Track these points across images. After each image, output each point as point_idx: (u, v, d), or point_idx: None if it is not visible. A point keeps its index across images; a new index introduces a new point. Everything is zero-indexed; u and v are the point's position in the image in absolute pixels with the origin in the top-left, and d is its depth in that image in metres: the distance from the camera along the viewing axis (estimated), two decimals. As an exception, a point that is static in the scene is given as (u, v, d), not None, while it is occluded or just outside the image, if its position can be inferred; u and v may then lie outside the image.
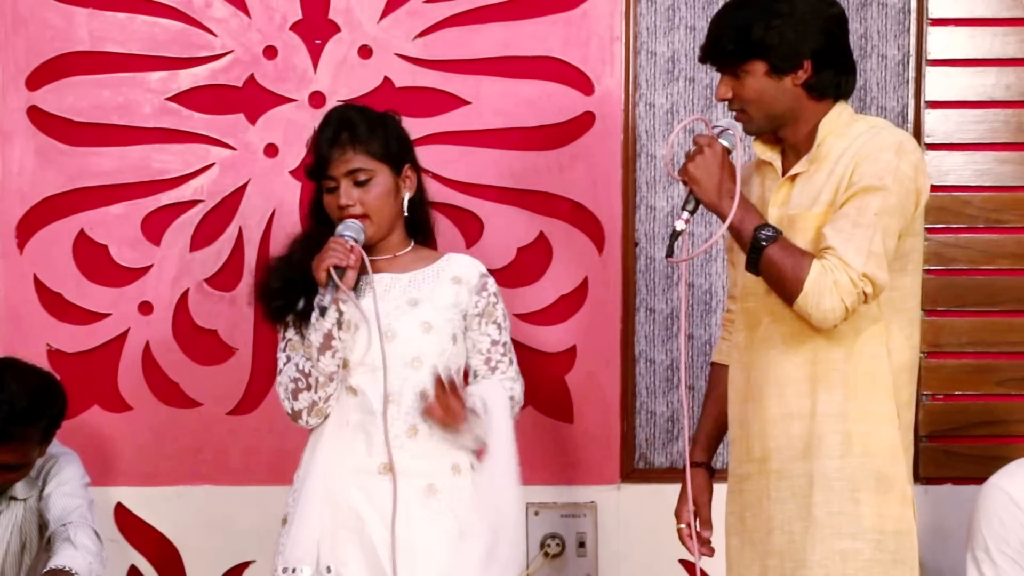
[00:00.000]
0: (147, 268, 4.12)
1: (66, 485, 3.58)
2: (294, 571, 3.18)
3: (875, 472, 3.02)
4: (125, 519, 4.14)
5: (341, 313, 3.16)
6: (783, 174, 3.12)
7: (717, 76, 3.99)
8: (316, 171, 3.28)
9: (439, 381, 3.17)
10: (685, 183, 3.05)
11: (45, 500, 3.57)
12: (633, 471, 4.15)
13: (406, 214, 3.32)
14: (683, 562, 4.06)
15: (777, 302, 3.04)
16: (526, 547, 3.39)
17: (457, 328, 3.29)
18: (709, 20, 3.16)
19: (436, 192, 4.07)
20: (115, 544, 4.06)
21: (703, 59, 3.18)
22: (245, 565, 4.14)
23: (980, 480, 3.53)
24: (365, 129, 3.25)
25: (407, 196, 3.31)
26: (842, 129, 3.08)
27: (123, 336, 4.13)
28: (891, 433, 3.04)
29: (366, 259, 3.19)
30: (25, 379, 3.52)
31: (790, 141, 3.13)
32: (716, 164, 3.02)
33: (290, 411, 3.23)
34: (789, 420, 3.06)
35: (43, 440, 3.53)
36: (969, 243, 4.10)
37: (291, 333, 3.26)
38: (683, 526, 3.26)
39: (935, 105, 4.12)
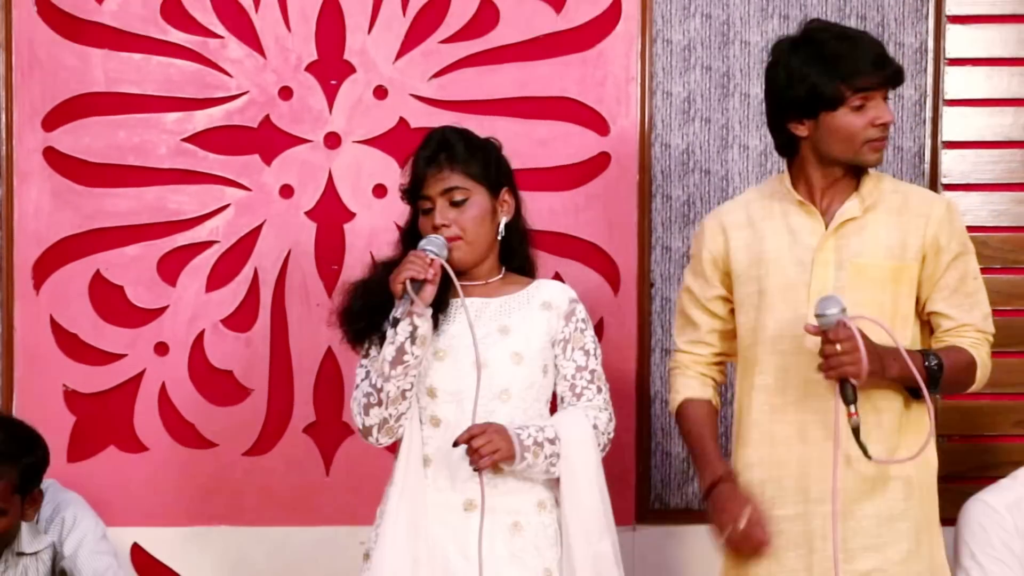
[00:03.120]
0: (163, 309, 4.13)
1: (88, 543, 3.59)
2: None
3: (927, 515, 3.24)
4: (141, 560, 4.14)
5: (415, 328, 3.09)
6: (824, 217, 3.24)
7: (732, 116, 4.10)
8: (412, 191, 3.23)
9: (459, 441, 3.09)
10: (846, 381, 3.03)
11: (71, 561, 3.58)
12: (648, 512, 4.14)
13: (500, 237, 3.25)
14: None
15: None
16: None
17: (548, 359, 3.23)
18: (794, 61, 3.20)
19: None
20: (132, 585, 4.08)
21: (891, 82, 3.20)
22: (261, 605, 4.16)
23: (999, 522, 3.56)
24: (463, 149, 3.21)
25: (504, 220, 3.25)
26: (878, 181, 3.26)
27: (139, 377, 4.13)
28: (934, 476, 3.27)
29: (455, 280, 3.12)
30: (8, 427, 3.59)
31: (831, 183, 3.23)
32: (864, 346, 3.01)
33: (361, 427, 3.17)
34: (851, 463, 3.14)
35: (21, 490, 3.52)
36: (986, 284, 4.03)
37: (375, 351, 3.18)
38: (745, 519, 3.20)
39: (952, 145, 4.11)
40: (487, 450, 3.05)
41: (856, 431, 3.03)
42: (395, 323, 3.07)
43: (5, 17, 4.07)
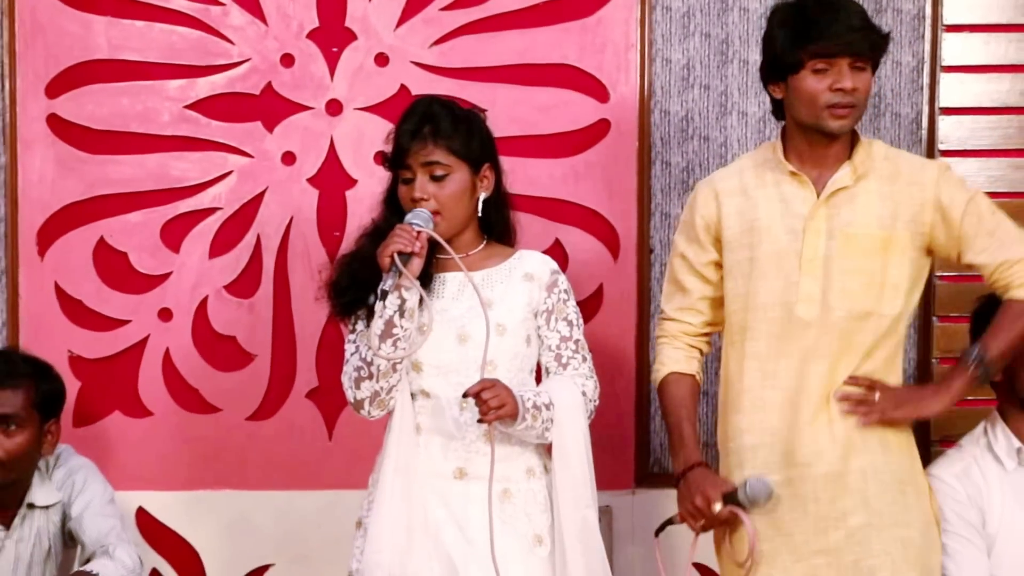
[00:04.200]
0: (166, 275, 4.16)
1: (95, 505, 3.62)
2: None
3: (909, 469, 3.29)
4: (146, 523, 4.19)
5: (403, 300, 3.11)
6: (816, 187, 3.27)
7: (731, 82, 4.12)
8: (394, 160, 3.24)
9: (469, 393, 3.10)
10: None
11: (77, 521, 3.61)
12: (648, 476, 4.19)
13: (479, 214, 3.27)
14: (697, 565, 4.08)
15: (831, 315, 3.20)
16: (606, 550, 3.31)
17: (530, 329, 3.26)
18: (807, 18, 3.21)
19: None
20: (136, 548, 4.09)
21: (850, 51, 3.17)
22: (264, 568, 4.19)
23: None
24: (448, 124, 3.21)
25: (482, 196, 3.26)
26: (870, 148, 3.29)
27: (143, 342, 4.17)
28: (910, 433, 3.33)
29: (449, 249, 3.15)
30: (27, 355, 3.68)
31: (819, 151, 3.25)
32: (913, 398, 3.29)
33: (352, 400, 3.20)
34: (833, 424, 3.22)
35: (40, 409, 3.56)
36: (983, 249, 4.10)
37: (361, 325, 3.21)
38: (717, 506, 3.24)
39: (949, 111, 4.13)
40: (495, 403, 3.07)
41: (668, 522, 3.34)
42: (383, 296, 3.09)
43: (8, -15, 4.11)
